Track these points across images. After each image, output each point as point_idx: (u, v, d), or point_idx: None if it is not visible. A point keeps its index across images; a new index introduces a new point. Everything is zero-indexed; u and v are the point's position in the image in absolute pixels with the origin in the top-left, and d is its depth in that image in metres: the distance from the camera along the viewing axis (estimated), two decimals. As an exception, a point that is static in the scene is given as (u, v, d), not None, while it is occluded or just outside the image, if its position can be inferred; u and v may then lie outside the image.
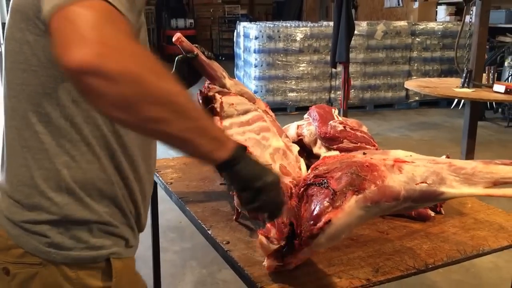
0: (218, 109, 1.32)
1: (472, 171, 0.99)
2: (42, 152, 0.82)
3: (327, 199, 0.92)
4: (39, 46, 0.78)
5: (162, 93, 0.66)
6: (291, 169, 1.23)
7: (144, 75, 0.64)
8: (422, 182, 0.97)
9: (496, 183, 0.99)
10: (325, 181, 0.97)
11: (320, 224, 0.89)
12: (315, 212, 0.92)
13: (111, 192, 0.86)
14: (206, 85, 1.38)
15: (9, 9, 0.84)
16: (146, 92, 0.64)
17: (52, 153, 0.82)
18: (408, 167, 0.99)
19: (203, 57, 1.32)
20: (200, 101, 1.35)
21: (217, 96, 1.31)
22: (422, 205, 1.12)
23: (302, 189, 1.00)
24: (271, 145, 1.26)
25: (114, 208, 0.87)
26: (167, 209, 2.35)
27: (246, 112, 1.31)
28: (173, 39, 1.26)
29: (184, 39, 1.30)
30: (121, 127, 0.84)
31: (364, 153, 1.07)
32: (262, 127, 1.30)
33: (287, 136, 1.40)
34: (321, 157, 1.13)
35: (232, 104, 1.30)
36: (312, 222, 0.91)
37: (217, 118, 1.32)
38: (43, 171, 0.83)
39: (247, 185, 0.79)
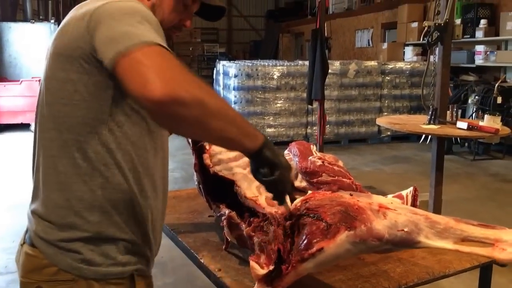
0: (207, 147, 1.43)
1: (444, 226, 1.16)
2: (78, 176, 0.94)
3: (320, 230, 1.05)
4: (81, 83, 0.92)
5: (219, 109, 0.85)
6: None
7: (205, 98, 0.83)
8: (403, 230, 1.12)
9: (464, 240, 1.16)
10: (318, 214, 1.09)
11: (312, 250, 1.02)
12: (308, 239, 1.04)
13: (135, 211, 0.98)
14: None
15: (49, 54, 0.98)
16: (210, 111, 0.84)
17: (88, 176, 0.94)
18: (392, 214, 1.14)
19: None
20: (190, 140, 1.46)
21: None
22: (400, 249, 1.25)
23: (294, 218, 1.12)
24: None
25: (138, 227, 0.99)
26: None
27: None
28: None
29: None
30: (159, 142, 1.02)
31: (350, 194, 1.21)
32: (248, 162, 1.41)
33: None
34: (308, 193, 1.25)
35: None
36: (303, 247, 1.03)
37: (206, 155, 1.42)
38: (78, 192, 0.94)
39: (268, 163, 0.98)
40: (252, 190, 1.33)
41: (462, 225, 1.22)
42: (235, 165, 1.41)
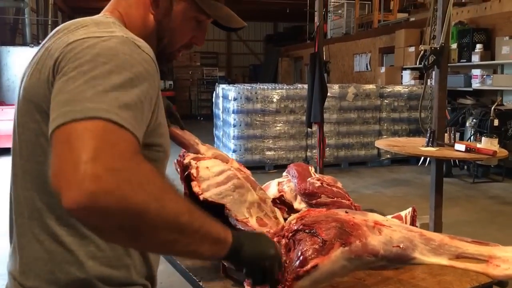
0: (195, 174, 1.41)
1: (439, 242, 1.17)
2: (62, 245, 0.79)
3: (315, 246, 1.05)
4: None
5: (165, 219, 0.66)
6: (267, 219, 1.34)
7: (146, 205, 0.63)
8: (398, 246, 1.13)
9: (459, 256, 1.17)
10: (313, 230, 1.09)
11: (307, 267, 1.01)
12: (302, 256, 1.04)
13: (133, 273, 0.85)
14: (181, 153, 1.48)
15: (21, 95, 0.82)
16: (150, 222, 0.64)
17: (75, 245, 0.79)
18: (387, 231, 1.15)
19: (176, 130, 1.45)
20: (178, 169, 1.45)
21: (192, 162, 1.40)
22: (395, 265, 1.25)
23: (290, 234, 1.12)
24: (247, 200, 1.37)
25: (135, 287, 0.86)
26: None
27: (221, 172, 1.39)
28: None
29: None
30: None
31: (346, 212, 1.22)
32: (237, 185, 1.39)
33: (261, 189, 1.50)
34: (302, 210, 1.26)
35: (207, 167, 1.38)
36: (298, 264, 1.02)
37: (194, 183, 1.40)
38: (64, 264, 0.79)
39: (256, 266, 0.85)
40: (243, 212, 1.33)
41: (457, 242, 1.23)
42: (224, 189, 1.40)
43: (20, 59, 8.31)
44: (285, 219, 1.38)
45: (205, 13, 0.91)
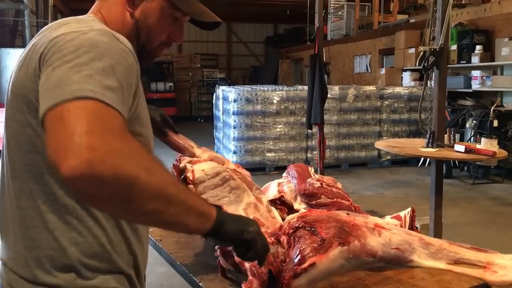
0: (191, 178, 1.41)
1: (438, 247, 1.19)
2: (47, 231, 0.83)
3: (314, 244, 1.05)
4: (41, 128, 0.77)
5: (154, 188, 0.71)
6: (264, 219, 1.35)
7: (136, 174, 0.68)
8: (397, 248, 1.14)
9: (457, 262, 1.19)
10: (314, 228, 1.10)
11: (304, 265, 1.02)
12: (301, 254, 1.05)
13: (116, 261, 0.88)
14: (177, 157, 1.49)
15: (9, 90, 0.87)
16: (140, 190, 0.69)
17: (59, 231, 0.83)
18: (386, 233, 1.16)
19: (171, 134, 1.46)
20: (175, 173, 1.45)
21: (188, 165, 1.40)
22: (392, 267, 1.27)
23: (291, 231, 1.12)
24: (243, 201, 1.37)
25: (119, 275, 0.89)
26: (149, 272, 2.36)
27: (216, 174, 1.39)
28: None
29: None
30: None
31: (347, 214, 1.22)
32: (233, 186, 1.40)
33: (258, 188, 1.51)
34: (301, 211, 1.26)
35: (203, 170, 1.39)
36: (296, 262, 1.03)
37: (190, 186, 1.41)
38: (49, 251, 0.83)
39: (238, 240, 0.89)
40: (239, 212, 1.34)
41: (455, 247, 1.25)
42: (220, 191, 1.41)
43: (20, 61, 8.32)
44: (284, 219, 1.38)
45: (179, 9, 0.95)
